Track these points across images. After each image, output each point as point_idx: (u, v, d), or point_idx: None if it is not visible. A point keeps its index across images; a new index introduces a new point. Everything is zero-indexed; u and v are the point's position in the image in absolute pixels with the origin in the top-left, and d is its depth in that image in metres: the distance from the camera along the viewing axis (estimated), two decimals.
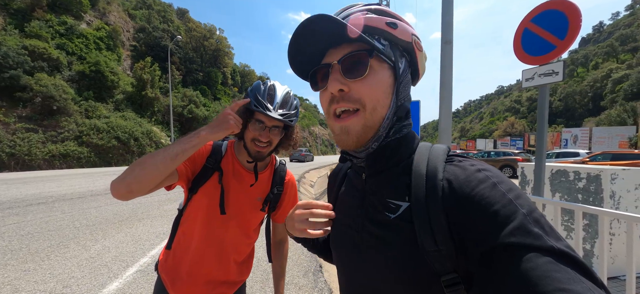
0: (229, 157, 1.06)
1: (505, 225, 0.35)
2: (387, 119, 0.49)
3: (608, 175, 2.72)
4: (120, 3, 35.79)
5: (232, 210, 1.02)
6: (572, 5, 2.22)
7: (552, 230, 0.36)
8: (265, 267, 3.25)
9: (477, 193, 0.39)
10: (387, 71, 0.48)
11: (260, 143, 0.98)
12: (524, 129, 54.80)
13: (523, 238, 0.34)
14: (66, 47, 24.02)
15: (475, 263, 0.38)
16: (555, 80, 2.39)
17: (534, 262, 0.32)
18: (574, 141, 25.90)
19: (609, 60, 57.94)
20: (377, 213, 0.49)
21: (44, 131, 18.10)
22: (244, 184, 1.05)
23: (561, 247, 0.33)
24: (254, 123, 0.97)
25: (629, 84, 42.59)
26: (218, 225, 1.01)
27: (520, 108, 73.26)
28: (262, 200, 1.07)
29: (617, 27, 70.18)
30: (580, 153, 15.29)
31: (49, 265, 3.18)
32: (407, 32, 0.48)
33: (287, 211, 1.14)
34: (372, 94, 0.46)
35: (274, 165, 1.15)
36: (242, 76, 55.99)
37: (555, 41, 2.33)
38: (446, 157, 0.47)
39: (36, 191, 7.75)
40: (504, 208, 0.36)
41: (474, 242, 0.38)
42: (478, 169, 0.42)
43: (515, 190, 0.39)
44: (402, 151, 0.50)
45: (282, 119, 0.97)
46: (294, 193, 1.18)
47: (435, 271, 0.42)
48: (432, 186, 0.43)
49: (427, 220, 0.42)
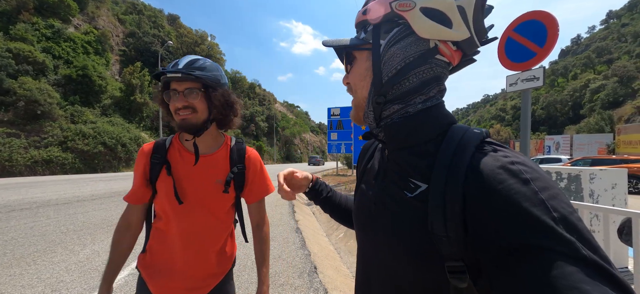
0: (174, 147, 1.03)
1: (531, 226, 0.33)
2: (369, 99, 0.52)
3: (587, 175, 2.89)
4: (109, 7, 35.31)
5: (192, 198, 0.98)
6: (550, 16, 2.40)
7: (590, 238, 0.32)
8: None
9: (505, 187, 0.36)
10: (364, 56, 0.52)
11: (181, 111, 0.93)
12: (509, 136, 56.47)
13: (553, 243, 0.31)
14: (53, 50, 23.46)
15: (490, 256, 0.36)
16: (536, 84, 2.56)
17: (562, 270, 0.30)
18: (556, 148, 26.91)
19: (587, 71, 60.91)
20: (396, 189, 0.50)
21: (27, 136, 17.47)
22: (196, 168, 1.01)
23: (596, 258, 0.30)
24: (168, 95, 0.94)
25: (605, 94, 44.79)
26: (184, 216, 0.98)
27: (505, 116, 75.68)
28: (222, 182, 1.02)
29: (594, 40, 74.05)
30: (562, 159, 15.93)
31: (36, 270, 3.08)
32: (384, 3, 0.47)
33: (256, 189, 1.11)
34: (353, 81, 0.55)
35: (230, 144, 1.10)
36: (233, 82, 55.78)
37: (536, 48, 2.50)
38: (479, 143, 0.43)
39: (18, 197, 7.46)
40: (533, 207, 0.33)
41: (492, 236, 0.36)
42: (512, 161, 0.38)
43: (550, 190, 0.35)
44: (422, 130, 0.48)
45: (186, 71, 0.91)
46: (258, 168, 1.12)
47: (440, 255, 0.42)
48: (454, 173, 0.41)
49: (442, 206, 0.41)
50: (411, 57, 0.47)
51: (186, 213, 0.98)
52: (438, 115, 0.49)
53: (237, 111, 1.07)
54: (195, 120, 0.95)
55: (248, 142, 47.09)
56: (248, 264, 3.38)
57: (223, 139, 1.10)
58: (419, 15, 0.45)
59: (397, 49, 0.48)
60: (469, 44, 0.47)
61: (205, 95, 0.96)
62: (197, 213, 0.99)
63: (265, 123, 55.20)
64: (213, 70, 0.99)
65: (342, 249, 4.20)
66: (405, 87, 0.49)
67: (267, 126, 55.72)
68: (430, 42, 0.47)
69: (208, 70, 0.98)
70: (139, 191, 1.01)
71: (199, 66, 0.96)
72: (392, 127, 0.51)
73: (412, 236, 0.45)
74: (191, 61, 0.95)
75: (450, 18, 0.45)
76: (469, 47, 0.48)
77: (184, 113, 0.94)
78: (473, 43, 0.47)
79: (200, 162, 1.01)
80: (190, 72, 0.92)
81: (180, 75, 0.91)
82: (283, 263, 3.43)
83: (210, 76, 0.97)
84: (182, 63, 0.94)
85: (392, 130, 0.51)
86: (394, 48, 0.48)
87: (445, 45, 0.47)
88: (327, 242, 4.67)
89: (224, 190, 1.02)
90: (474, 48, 0.48)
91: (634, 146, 19.47)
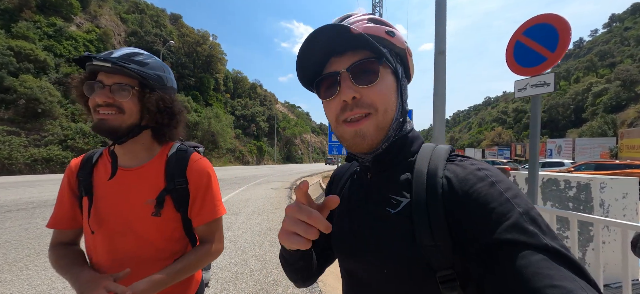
0: (103, 160, 0.85)
1: (501, 223, 0.37)
2: (395, 120, 0.52)
3: (597, 184, 2.79)
4: (112, 6, 35.39)
5: (111, 223, 0.79)
6: (562, 19, 2.30)
7: (548, 229, 0.37)
8: (258, 277, 3.16)
9: (475, 190, 0.41)
10: (391, 75, 0.52)
11: (103, 109, 0.75)
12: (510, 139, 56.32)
13: (518, 235, 0.35)
14: (54, 48, 23.49)
15: (472, 259, 0.39)
16: (546, 90, 2.45)
17: (528, 259, 0.33)
18: (558, 151, 26.73)
19: (589, 75, 60.65)
20: (379, 209, 0.51)
21: (27, 134, 17.46)
22: (123, 187, 0.82)
23: (556, 245, 0.34)
24: (90, 86, 0.76)
25: (608, 97, 44.57)
26: (108, 246, 0.79)
27: (506, 118, 75.41)
28: (153, 202, 0.80)
29: (596, 44, 73.74)
30: (565, 163, 15.78)
31: (28, 276, 3.00)
32: (401, 39, 0.53)
33: (204, 209, 0.87)
34: (383, 98, 0.49)
35: (167, 152, 0.89)
36: (234, 82, 55.89)
37: (546, 53, 2.40)
38: (448, 156, 0.49)
39: (16, 196, 7.39)
40: (500, 206, 0.38)
41: (470, 238, 0.39)
42: (478, 168, 0.44)
43: (512, 190, 0.40)
44: (406, 150, 0.53)
45: (120, 62, 0.75)
46: (204, 183, 0.88)
47: (431, 266, 0.43)
48: (432, 183, 0.45)
49: (426, 215, 0.43)
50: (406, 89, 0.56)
51: (108, 241, 0.79)
52: (417, 135, 0.56)
53: (179, 122, 0.90)
54: (118, 122, 0.77)
55: (249, 143, 47.11)
56: (246, 271, 3.29)
57: (159, 147, 0.90)
58: (412, 62, 0.57)
59: (405, 81, 0.56)
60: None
61: (138, 96, 0.79)
62: (123, 242, 0.79)
63: (266, 123, 55.18)
64: (157, 69, 0.84)
65: None
66: (405, 112, 0.55)
67: (268, 126, 55.70)
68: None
69: (150, 67, 0.82)
70: (68, 215, 0.84)
71: (139, 60, 0.80)
72: (385, 151, 0.53)
73: (400, 253, 0.46)
74: (130, 53, 0.80)
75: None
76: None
77: (105, 113, 0.75)
78: None
79: (123, 177, 0.82)
80: (124, 64, 0.76)
81: (109, 65, 0.74)
82: (282, 271, 3.34)
83: (150, 74, 0.81)
84: (119, 53, 0.79)
85: (384, 154, 0.53)
86: (404, 79, 0.55)
87: None
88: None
89: (153, 213, 0.80)
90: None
91: (637, 150, 19.31)
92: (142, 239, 0.81)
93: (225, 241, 4.37)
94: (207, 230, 0.89)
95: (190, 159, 0.89)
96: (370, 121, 0.49)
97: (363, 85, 0.48)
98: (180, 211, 0.85)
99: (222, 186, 11.34)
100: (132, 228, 0.80)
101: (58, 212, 0.85)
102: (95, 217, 0.79)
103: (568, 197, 3.04)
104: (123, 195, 0.81)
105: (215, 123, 36.15)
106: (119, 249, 0.80)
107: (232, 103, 51.91)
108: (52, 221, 0.85)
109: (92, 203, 0.80)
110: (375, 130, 0.49)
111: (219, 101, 47.32)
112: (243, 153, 43.58)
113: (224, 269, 3.32)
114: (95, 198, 0.81)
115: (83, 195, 0.82)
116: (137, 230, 0.81)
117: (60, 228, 0.84)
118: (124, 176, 0.83)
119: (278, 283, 3.01)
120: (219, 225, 0.93)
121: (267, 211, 6.68)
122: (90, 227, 0.78)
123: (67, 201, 0.85)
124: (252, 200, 8.16)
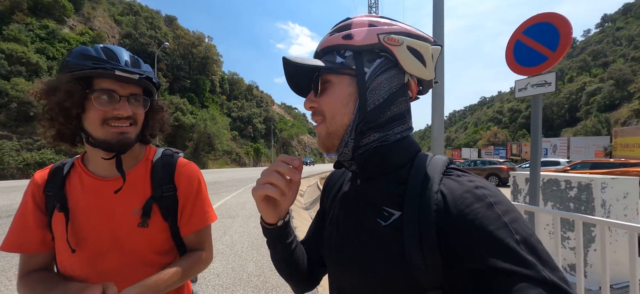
0: (75, 173, 0.77)
1: (497, 250, 0.35)
2: (352, 125, 0.50)
3: (598, 184, 2.76)
4: (106, 8, 35.08)
5: (95, 242, 0.72)
6: (563, 18, 2.28)
7: (548, 258, 0.35)
8: (256, 282, 3.09)
9: (472, 211, 0.38)
10: (345, 82, 0.50)
11: (121, 121, 0.71)
12: (506, 138, 56.77)
13: (515, 265, 0.34)
14: (47, 51, 23.18)
15: (463, 279, 0.38)
16: (548, 90, 2.43)
17: (524, 292, 0.32)
18: (553, 150, 26.98)
19: (583, 74, 61.40)
20: (369, 220, 0.49)
21: (19, 138, 17.18)
22: (104, 199, 0.75)
23: (554, 279, 0.33)
24: (99, 98, 0.68)
25: (601, 96, 45.16)
26: (91, 267, 0.71)
27: (502, 118, 75.97)
28: (139, 212, 0.75)
29: (589, 44, 74.69)
30: (560, 162, 15.89)
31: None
32: (371, 34, 0.48)
33: (188, 217, 0.82)
34: (329, 106, 0.51)
35: (152, 158, 0.83)
36: (230, 84, 55.66)
37: (547, 52, 2.37)
38: (445, 169, 0.46)
39: (7, 202, 7.23)
40: (497, 231, 0.36)
41: (463, 259, 0.38)
42: (476, 186, 0.41)
43: (511, 213, 0.38)
44: (395, 158, 0.50)
45: (145, 74, 0.73)
46: (194, 189, 0.83)
47: (420, 285, 0.42)
48: (426, 198, 0.42)
49: (417, 232, 0.41)
50: (394, 88, 0.50)
51: (91, 260, 0.71)
52: (409, 143, 0.52)
53: (167, 125, 0.87)
54: (133, 135, 0.74)
55: (245, 144, 46.92)
56: (243, 277, 3.21)
57: (143, 153, 0.84)
58: (406, 52, 0.49)
59: (384, 79, 0.50)
60: (429, 83, 0.55)
61: (143, 103, 0.77)
62: (108, 259, 0.72)
63: (262, 125, 55.02)
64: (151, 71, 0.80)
65: None
66: (389, 115, 0.50)
67: (265, 128, 55.53)
68: (405, 77, 0.51)
69: (150, 71, 0.78)
70: (35, 237, 0.72)
71: (145, 66, 0.77)
72: (368, 156, 0.51)
73: (389, 269, 0.44)
74: (134, 58, 0.76)
75: (426, 60, 0.50)
76: (427, 86, 0.56)
77: (124, 125, 0.72)
78: (431, 84, 0.55)
79: (104, 188, 0.75)
80: (148, 75, 0.74)
81: (136, 77, 0.71)
82: (280, 276, 3.27)
83: (157, 83, 0.80)
84: (124, 54, 0.73)
85: (368, 159, 0.51)
86: (381, 78, 0.49)
87: (414, 82, 0.53)
88: None
89: (140, 223, 0.74)
90: (430, 88, 0.56)
91: (631, 149, 19.54)
92: (130, 254, 0.74)
93: (222, 245, 4.29)
94: (196, 239, 0.84)
95: (178, 164, 0.84)
96: (321, 127, 0.53)
97: (318, 97, 0.52)
98: (169, 221, 0.79)
99: (219, 189, 11.22)
100: (119, 243, 0.74)
101: (21, 234, 0.72)
102: (74, 234, 0.71)
103: (569, 197, 3.02)
104: (105, 207, 0.74)
105: (212, 125, 35.93)
106: (104, 267, 0.73)
107: (228, 105, 51.67)
108: (10, 243, 0.71)
109: (68, 219, 0.71)
110: (325, 135, 0.52)
111: (215, 103, 47.07)
112: (240, 155, 43.35)
113: (221, 275, 3.25)
114: (72, 213, 0.72)
115: (56, 211, 0.72)
116: (123, 244, 0.74)
117: (27, 251, 0.72)
118: (105, 187, 0.75)
119: (277, 289, 2.94)
120: (209, 232, 0.89)
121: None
122: (70, 246, 0.70)
123: (33, 220, 0.73)
124: (249, 202, 8.06)
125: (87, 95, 0.68)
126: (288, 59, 0.49)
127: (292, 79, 0.56)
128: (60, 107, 0.68)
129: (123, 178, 0.74)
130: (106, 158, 0.74)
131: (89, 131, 0.71)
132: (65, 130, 0.71)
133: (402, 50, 0.48)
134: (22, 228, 0.73)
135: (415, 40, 0.49)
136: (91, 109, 0.69)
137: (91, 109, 0.69)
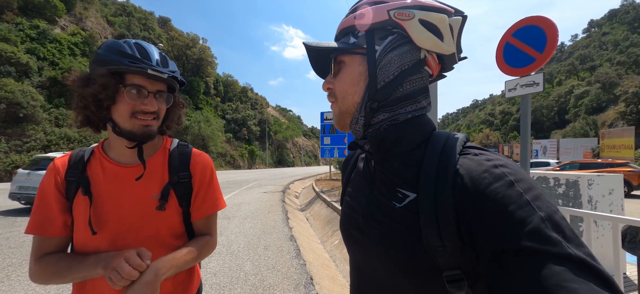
0: (96, 160, 0.81)
1: (520, 228, 0.33)
2: (361, 103, 0.51)
3: (585, 181, 2.87)
4: (98, 9, 34.61)
5: (116, 224, 0.76)
6: (549, 22, 2.38)
7: (573, 235, 0.33)
8: (253, 281, 3.10)
9: (492, 190, 0.37)
10: (357, 61, 0.51)
11: (147, 115, 0.76)
12: (498, 140, 57.68)
13: (539, 243, 0.32)
14: (37, 51, 22.73)
15: (486, 261, 0.36)
16: (536, 90, 2.53)
17: (550, 270, 0.31)
18: (543, 151, 27.55)
19: (571, 78, 62.94)
20: (384, 201, 0.49)
21: (8, 140, 16.78)
22: (125, 184, 0.79)
23: (581, 255, 0.31)
24: (130, 92, 0.73)
25: (589, 99, 46.32)
26: (117, 247, 0.75)
27: (494, 120, 77.22)
28: (158, 196, 0.80)
29: (577, 48, 76.63)
30: (550, 163, 16.27)
31: (10, 286, 2.86)
32: (382, 11, 0.48)
33: (201, 203, 0.88)
34: (341, 86, 0.53)
35: (169, 147, 0.89)
36: (225, 86, 55.32)
37: (535, 54, 2.47)
38: (462, 149, 0.45)
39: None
40: (520, 210, 0.34)
41: (485, 241, 0.36)
42: (495, 164, 0.39)
43: (534, 190, 0.36)
44: (408, 137, 0.49)
45: (174, 74, 0.79)
46: (208, 177, 0.90)
47: (437, 265, 0.41)
48: (442, 179, 0.41)
49: (434, 214, 0.40)
50: (407, 65, 0.49)
51: (112, 241, 0.75)
52: (423, 123, 0.50)
53: (182, 119, 0.93)
54: (156, 127, 0.81)
55: (240, 147, 46.61)
56: (240, 276, 3.22)
57: (161, 142, 0.90)
58: (418, 26, 0.47)
59: (395, 56, 0.48)
60: (451, 58, 0.51)
61: (166, 99, 0.82)
62: (128, 241, 0.76)
63: (257, 127, 54.77)
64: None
65: (337, 257, 4.09)
66: (400, 93, 0.49)
67: (260, 130, 55.29)
68: (421, 53, 0.49)
69: (176, 70, 0.83)
70: (57, 220, 0.75)
71: (172, 64, 0.82)
72: (379, 135, 0.51)
73: (404, 249, 0.44)
74: (163, 56, 0.81)
75: (443, 33, 0.47)
76: (450, 62, 0.52)
77: (149, 119, 0.77)
78: (454, 58, 0.52)
79: (125, 174, 0.80)
80: (175, 74, 0.79)
81: (166, 76, 0.77)
82: (278, 274, 3.29)
83: (182, 79, 0.85)
84: (155, 53, 0.79)
85: (379, 139, 0.51)
86: (392, 54, 0.48)
87: (432, 58, 0.50)
88: (322, 250, 4.54)
89: (158, 207, 0.79)
90: (454, 63, 0.53)
91: (618, 150, 20.10)
92: (147, 236, 0.79)
93: (219, 245, 4.29)
94: (206, 224, 0.91)
95: (193, 153, 0.91)
96: (335, 107, 0.55)
97: (334, 78, 0.55)
98: (183, 206, 0.85)
99: None
100: (138, 225, 0.79)
101: (44, 216, 0.75)
102: (96, 217, 0.75)
103: (558, 194, 3.13)
104: (126, 192, 0.79)
105: (206, 127, 35.64)
106: (123, 248, 0.76)
107: (222, 107, 51.32)
108: (35, 227, 0.74)
109: (92, 202, 0.75)
110: (338, 113, 0.55)
111: (209, 105, 46.73)
112: (234, 157, 43.05)
113: (218, 275, 3.25)
114: (94, 197, 0.76)
115: (80, 195, 0.76)
116: (143, 226, 0.79)
117: (49, 234, 0.74)
118: (126, 173, 0.80)
119: (274, 288, 2.96)
120: (216, 219, 0.96)
121: (260, 214, 6.60)
122: (92, 228, 0.73)
123: (56, 205, 0.76)
124: (245, 203, 8.04)
125: (119, 88, 0.73)
126: (307, 44, 0.52)
127: (317, 64, 0.58)
128: (94, 98, 0.73)
129: (143, 165, 0.79)
130: (129, 147, 0.79)
131: (117, 121, 0.76)
132: (94, 118, 0.77)
133: (413, 24, 0.46)
134: (45, 212, 0.76)
135: (428, 12, 0.46)
136: (121, 102, 0.74)
137: (121, 102, 0.74)
